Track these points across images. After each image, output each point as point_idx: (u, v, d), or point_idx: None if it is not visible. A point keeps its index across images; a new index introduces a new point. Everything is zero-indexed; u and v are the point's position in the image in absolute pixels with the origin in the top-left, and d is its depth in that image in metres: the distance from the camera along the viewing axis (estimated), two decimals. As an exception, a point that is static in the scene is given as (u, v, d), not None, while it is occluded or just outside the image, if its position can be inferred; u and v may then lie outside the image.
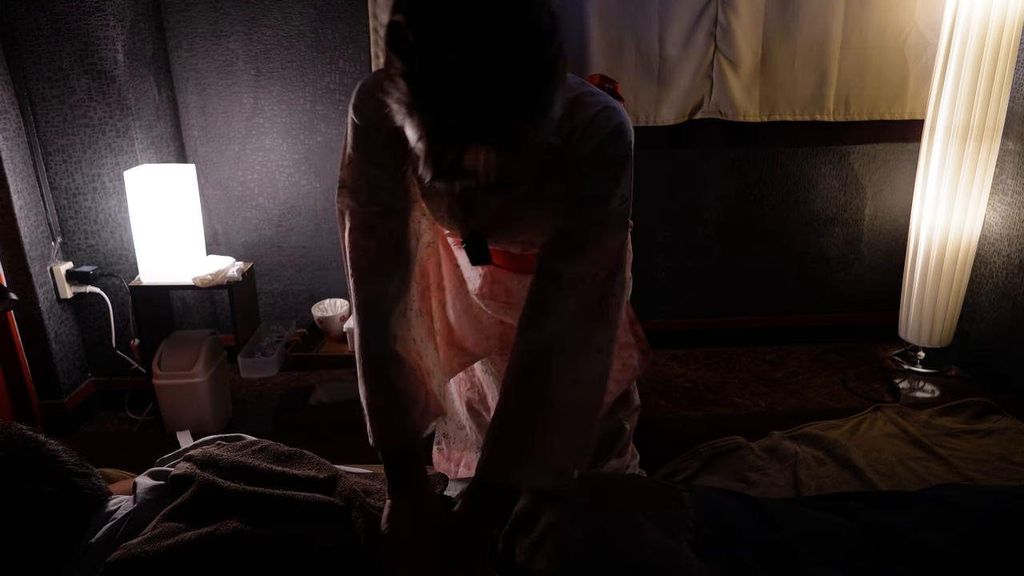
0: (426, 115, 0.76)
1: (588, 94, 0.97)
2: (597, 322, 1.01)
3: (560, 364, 0.99)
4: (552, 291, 1.00)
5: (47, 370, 2.21)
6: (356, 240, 1.07)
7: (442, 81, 0.74)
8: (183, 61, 2.35)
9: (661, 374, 2.56)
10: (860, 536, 1.06)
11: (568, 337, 0.99)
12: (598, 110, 0.95)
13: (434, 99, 0.75)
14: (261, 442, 1.11)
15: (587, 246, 0.99)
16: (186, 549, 0.89)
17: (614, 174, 0.98)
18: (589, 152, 0.95)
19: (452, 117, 0.75)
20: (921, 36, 2.36)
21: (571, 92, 0.95)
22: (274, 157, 2.46)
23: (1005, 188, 2.33)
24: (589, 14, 2.27)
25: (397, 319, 1.09)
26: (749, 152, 2.57)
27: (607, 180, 0.98)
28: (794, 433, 1.74)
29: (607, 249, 1.00)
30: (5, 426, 1.01)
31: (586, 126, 0.94)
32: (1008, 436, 1.69)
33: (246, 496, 0.97)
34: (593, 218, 0.99)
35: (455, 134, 0.76)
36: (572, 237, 0.99)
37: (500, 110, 0.75)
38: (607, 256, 1.00)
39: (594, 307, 1.00)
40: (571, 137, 0.95)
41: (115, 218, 2.24)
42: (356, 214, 1.07)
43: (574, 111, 0.94)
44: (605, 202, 0.98)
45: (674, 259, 2.69)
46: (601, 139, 0.95)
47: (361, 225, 1.07)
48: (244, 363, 2.13)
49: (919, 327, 2.40)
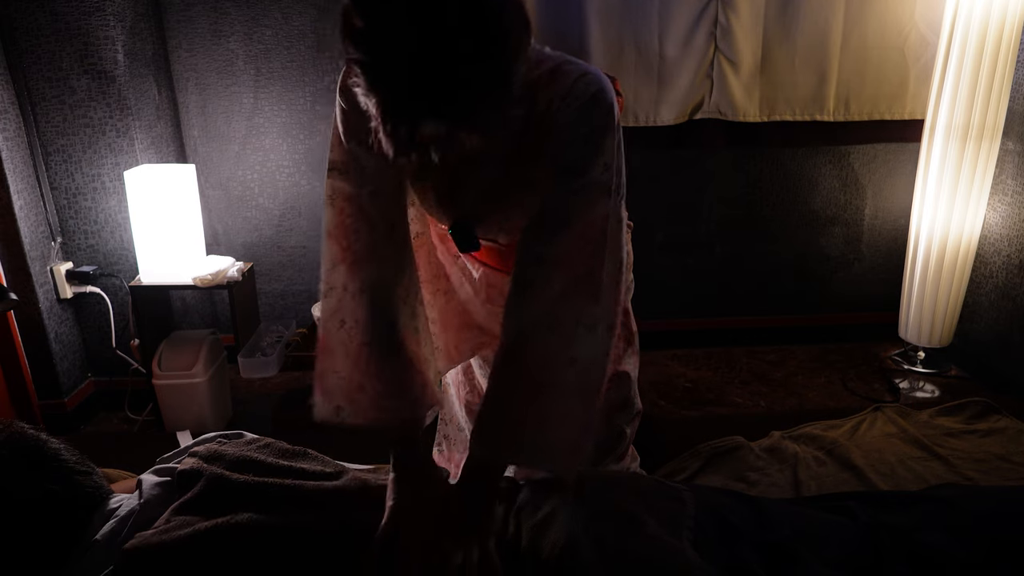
0: (379, 94, 0.77)
1: (568, 63, 0.95)
2: (587, 299, 0.97)
3: (552, 345, 0.96)
4: (537, 269, 0.97)
5: (47, 370, 2.21)
6: (349, 223, 1.04)
7: (388, 62, 0.75)
8: (183, 61, 2.35)
9: (661, 374, 2.56)
10: (860, 536, 1.06)
11: (557, 317, 0.96)
12: (576, 77, 0.93)
13: (383, 79, 0.76)
14: (264, 439, 1.11)
15: (570, 219, 0.96)
16: (201, 538, 0.89)
17: (595, 141, 0.95)
18: (568, 119, 0.93)
19: (399, 95, 0.76)
20: (921, 36, 2.36)
21: (551, 62, 0.95)
22: (274, 157, 2.46)
23: (1005, 188, 2.33)
24: (589, 14, 2.27)
25: (398, 305, 1.07)
26: (749, 152, 2.57)
27: (588, 147, 0.95)
28: (794, 433, 1.74)
29: (591, 221, 0.96)
30: (6, 424, 1.01)
31: (565, 94, 0.92)
32: (1008, 436, 1.69)
33: (256, 487, 0.97)
34: (575, 188, 0.96)
35: (405, 110, 0.77)
36: (555, 211, 0.96)
37: (447, 85, 0.74)
38: (592, 229, 0.96)
39: (582, 284, 0.97)
40: (550, 106, 0.93)
41: (115, 218, 2.24)
42: (348, 196, 1.04)
43: (554, 80, 0.93)
44: (587, 171, 0.95)
45: (674, 259, 2.69)
46: (579, 106, 0.92)
47: (354, 208, 1.04)
48: (244, 363, 2.13)
49: (919, 327, 2.41)
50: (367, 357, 1.05)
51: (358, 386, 1.05)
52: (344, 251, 1.05)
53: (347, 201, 1.04)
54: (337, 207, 1.05)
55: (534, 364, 0.97)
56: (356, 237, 1.04)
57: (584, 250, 0.96)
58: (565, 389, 0.97)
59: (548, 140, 0.95)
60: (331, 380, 1.05)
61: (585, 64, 0.96)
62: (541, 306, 0.96)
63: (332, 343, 1.06)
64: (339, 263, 1.05)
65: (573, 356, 0.97)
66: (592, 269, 0.97)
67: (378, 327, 1.05)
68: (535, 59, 0.95)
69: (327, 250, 1.06)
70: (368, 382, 1.05)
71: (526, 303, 0.97)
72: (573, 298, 0.96)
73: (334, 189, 1.05)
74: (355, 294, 1.05)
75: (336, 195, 1.04)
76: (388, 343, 1.05)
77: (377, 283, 1.05)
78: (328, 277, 1.06)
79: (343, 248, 1.04)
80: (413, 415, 1.07)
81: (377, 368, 1.05)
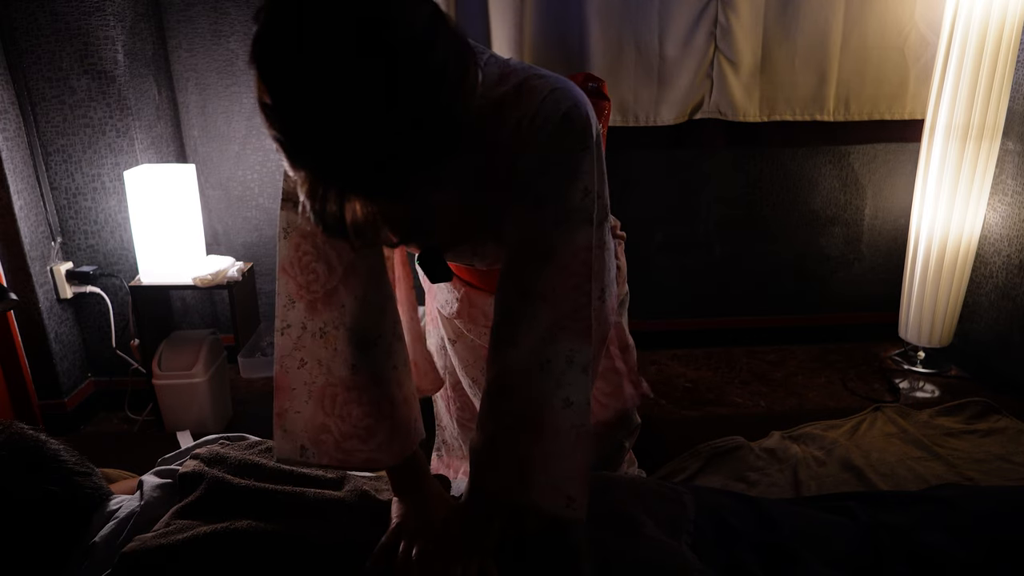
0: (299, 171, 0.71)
1: (535, 77, 0.86)
2: (577, 338, 0.90)
3: (545, 385, 0.89)
4: (521, 305, 0.90)
5: (47, 370, 2.21)
6: (306, 261, 0.95)
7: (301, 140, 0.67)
8: (183, 61, 2.35)
9: (661, 374, 2.56)
10: (860, 536, 1.06)
11: (547, 355, 0.89)
12: (545, 94, 0.84)
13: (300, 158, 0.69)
14: (267, 442, 1.10)
15: (552, 251, 0.88)
16: (201, 543, 0.89)
17: (570, 164, 0.86)
18: (538, 143, 0.85)
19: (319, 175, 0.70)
20: (921, 36, 2.36)
21: (516, 77, 0.87)
22: (274, 157, 2.46)
23: (1005, 188, 2.33)
24: (589, 14, 2.27)
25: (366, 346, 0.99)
26: (749, 152, 2.57)
27: (563, 172, 0.87)
28: (794, 433, 1.74)
29: (574, 252, 0.89)
30: (6, 425, 1.01)
31: (534, 114, 0.84)
32: (1008, 436, 1.69)
33: (257, 493, 0.97)
34: (554, 218, 0.88)
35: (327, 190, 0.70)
36: (534, 243, 0.89)
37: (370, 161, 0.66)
38: (575, 261, 0.89)
39: (571, 320, 0.90)
40: (519, 128, 0.85)
41: (115, 218, 2.24)
42: (304, 233, 0.95)
43: (520, 99, 0.85)
44: (564, 199, 0.87)
45: (674, 259, 2.69)
46: (551, 128, 0.84)
47: (309, 244, 0.95)
48: (244, 363, 2.13)
49: (919, 327, 2.41)
50: (331, 398, 0.97)
51: (321, 426, 0.97)
52: (300, 288, 0.96)
53: (302, 238, 0.95)
54: (292, 242, 0.96)
55: (529, 403, 0.90)
56: (314, 277, 0.96)
57: (568, 283, 0.89)
58: (565, 430, 0.90)
59: (519, 164, 0.87)
60: (293, 420, 0.98)
61: (554, 77, 0.87)
62: (531, 342, 0.90)
63: (291, 382, 0.98)
64: (297, 300, 0.97)
65: (567, 397, 0.90)
66: (580, 306, 0.90)
67: (342, 368, 0.97)
68: (498, 75, 0.88)
69: (282, 285, 0.97)
70: (333, 423, 0.97)
71: (514, 338, 0.91)
72: (562, 335, 0.90)
73: (288, 222, 0.96)
74: (315, 334, 0.97)
75: (291, 229, 0.96)
76: (354, 384, 0.98)
77: (339, 324, 0.97)
78: (284, 314, 0.97)
79: (299, 286, 0.96)
80: (382, 456, 0.99)
81: (342, 410, 0.97)
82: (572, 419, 0.91)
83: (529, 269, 0.90)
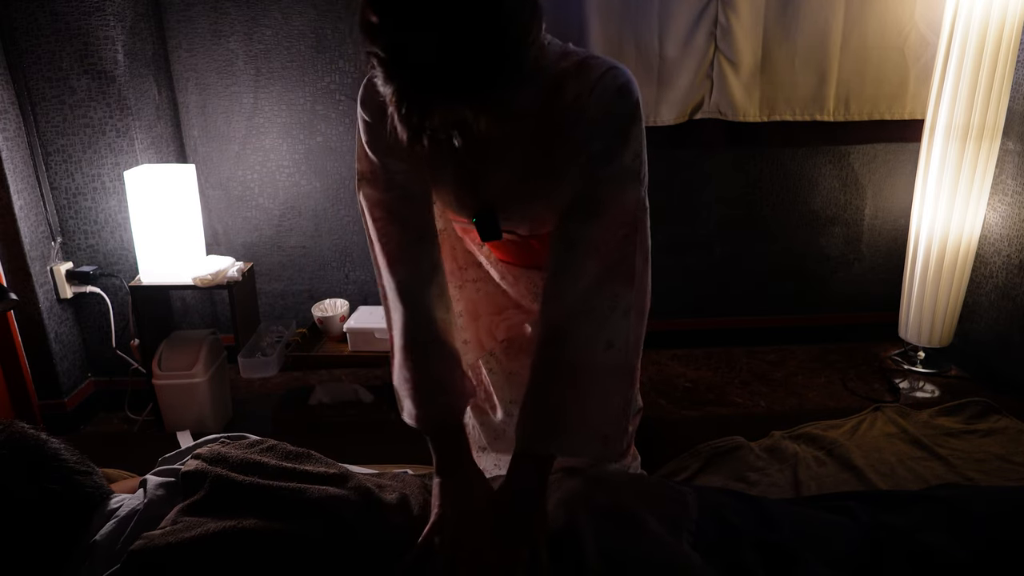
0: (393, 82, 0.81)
1: (594, 58, 0.99)
2: (622, 284, 1.02)
3: (588, 329, 1.00)
4: (571, 256, 1.01)
5: (47, 370, 2.21)
6: (382, 228, 1.10)
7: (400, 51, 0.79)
8: (183, 61, 2.35)
9: (661, 374, 2.56)
10: (860, 536, 1.06)
11: (592, 302, 1.01)
12: (604, 70, 0.96)
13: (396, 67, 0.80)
14: (267, 441, 1.11)
15: (602, 207, 1.00)
16: (209, 541, 0.89)
17: (623, 131, 0.99)
18: (597, 111, 0.96)
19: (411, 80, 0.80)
20: (921, 36, 2.36)
21: (577, 56, 0.99)
22: (274, 157, 2.46)
23: (1005, 188, 2.33)
24: (589, 14, 2.27)
25: (435, 301, 1.12)
26: (749, 152, 2.57)
27: (617, 137, 0.99)
28: (794, 433, 1.73)
29: (623, 207, 1.01)
30: (7, 424, 1.01)
31: (593, 86, 0.96)
32: (1008, 436, 1.69)
33: (262, 490, 0.97)
34: (606, 177, 1.00)
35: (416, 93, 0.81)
36: (587, 199, 1.01)
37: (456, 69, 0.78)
38: (624, 215, 1.01)
39: (617, 269, 1.01)
40: (579, 98, 0.96)
41: (115, 218, 2.24)
42: (377, 202, 1.10)
43: (581, 73, 0.96)
44: (617, 160, 0.99)
45: (674, 259, 2.69)
46: (608, 98, 0.96)
47: (384, 212, 1.10)
48: (244, 363, 2.13)
49: (919, 327, 2.41)
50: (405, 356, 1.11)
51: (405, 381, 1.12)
52: (381, 255, 1.12)
53: (376, 206, 1.11)
54: (369, 215, 1.12)
55: (572, 349, 1.01)
56: (388, 239, 1.11)
57: (617, 235, 1.01)
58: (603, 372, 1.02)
59: (577, 130, 0.98)
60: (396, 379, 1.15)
61: (611, 60, 0.99)
62: (577, 292, 1.01)
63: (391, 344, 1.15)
64: (381, 268, 1.13)
65: (610, 339, 1.01)
66: (626, 255, 1.02)
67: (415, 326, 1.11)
68: (561, 52, 0.99)
69: (373, 258, 1.15)
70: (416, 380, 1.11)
71: (562, 289, 1.02)
72: (608, 283, 1.01)
73: (365, 197, 1.12)
74: (393, 294, 1.12)
75: (367, 203, 1.12)
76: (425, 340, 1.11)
77: (410, 282, 1.11)
78: (379, 282, 1.15)
79: (380, 252, 1.12)
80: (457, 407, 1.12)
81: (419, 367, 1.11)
82: (612, 359, 1.02)
83: (580, 222, 1.01)
